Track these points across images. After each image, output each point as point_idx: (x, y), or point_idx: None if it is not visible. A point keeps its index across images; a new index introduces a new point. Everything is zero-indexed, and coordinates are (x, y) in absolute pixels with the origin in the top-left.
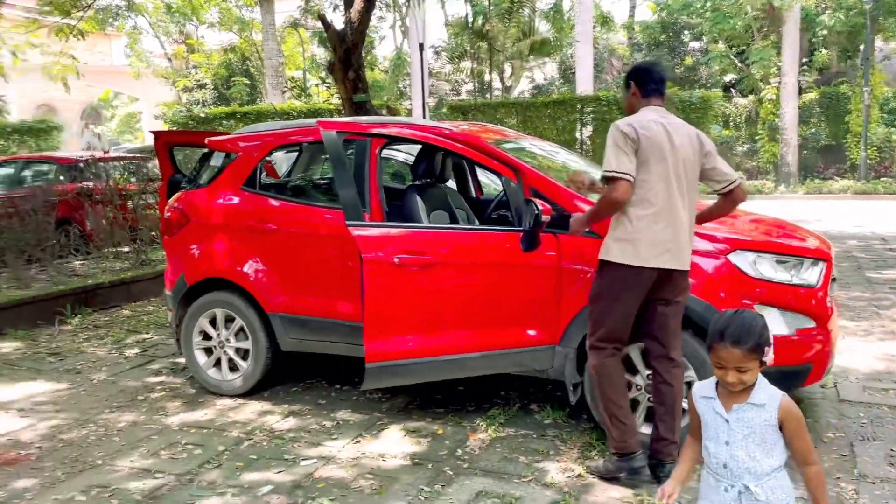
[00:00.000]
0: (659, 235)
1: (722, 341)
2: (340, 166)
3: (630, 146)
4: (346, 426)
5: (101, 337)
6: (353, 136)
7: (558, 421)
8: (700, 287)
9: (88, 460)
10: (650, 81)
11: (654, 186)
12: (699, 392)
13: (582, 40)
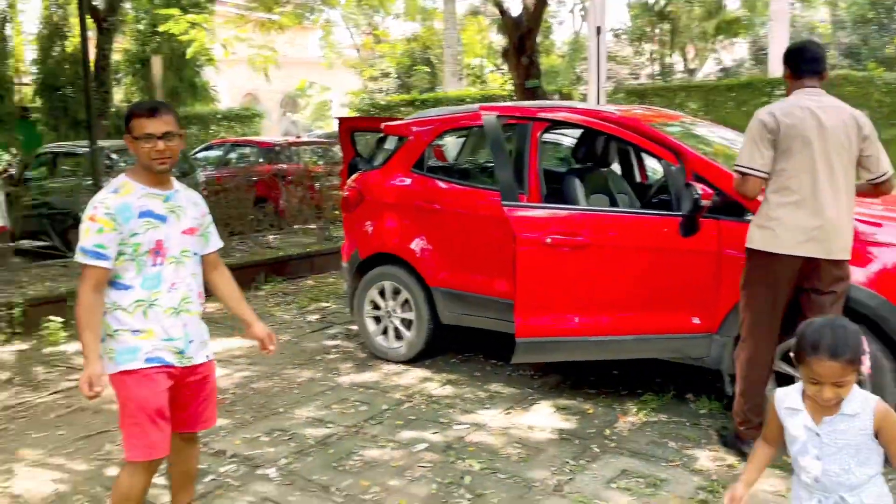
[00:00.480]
0: (801, 223)
1: (817, 354)
2: (499, 149)
3: (767, 137)
4: (498, 398)
5: (287, 303)
6: (513, 120)
7: (714, 411)
8: (875, 280)
9: (272, 407)
10: (802, 62)
11: (796, 175)
12: (783, 402)
13: (776, 18)
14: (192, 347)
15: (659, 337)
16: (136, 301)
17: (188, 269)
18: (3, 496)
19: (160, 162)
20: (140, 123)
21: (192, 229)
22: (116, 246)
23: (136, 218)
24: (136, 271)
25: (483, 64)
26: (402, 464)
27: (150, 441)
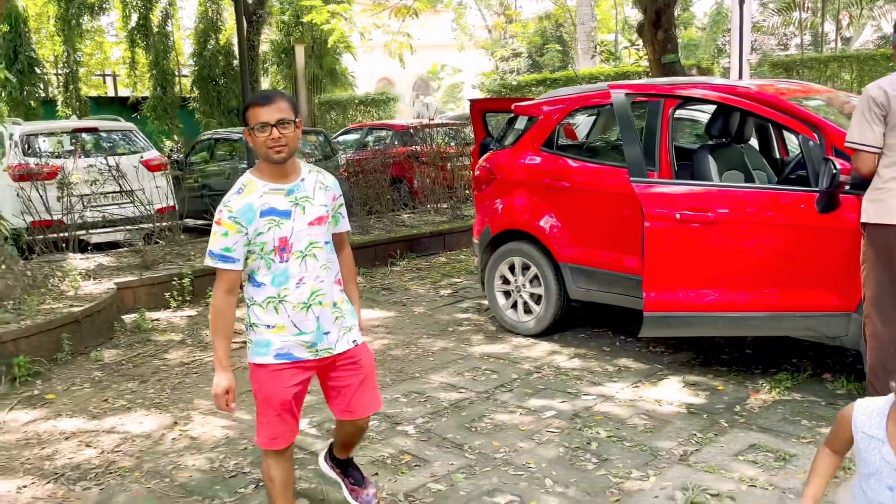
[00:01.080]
0: None
1: None
2: (627, 126)
3: (877, 112)
4: (626, 372)
5: (422, 278)
6: (643, 97)
7: (853, 392)
8: None
9: (409, 372)
10: None
11: None
12: (863, 426)
13: None
14: (328, 339)
15: (793, 314)
16: (267, 297)
17: (318, 262)
18: (183, 437)
19: (276, 150)
20: (255, 113)
21: (321, 218)
22: (244, 248)
23: (259, 218)
24: (266, 269)
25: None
26: (530, 428)
27: (273, 433)
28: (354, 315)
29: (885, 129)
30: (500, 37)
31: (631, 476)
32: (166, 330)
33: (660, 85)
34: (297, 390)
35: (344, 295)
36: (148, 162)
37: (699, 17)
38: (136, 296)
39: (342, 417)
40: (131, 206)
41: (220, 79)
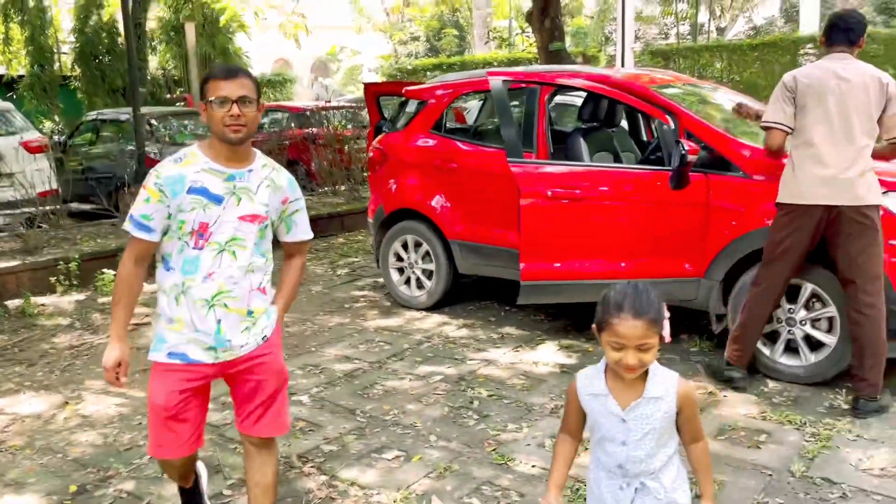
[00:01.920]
0: (818, 172)
1: (620, 313)
2: (504, 111)
3: (787, 95)
4: (508, 338)
5: (319, 259)
6: (519, 84)
7: (704, 349)
8: None
9: (305, 347)
10: (834, 31)
11: (813, 128)
12: (586, 388)
13: None
14: (230, 345)
15: (652, 281)
16: (173, 284)
17: (237, 262)
18: (75, 416)
19: (234, 129)
20: (215, 86)
21: (256, 217)
22: (163, 220)
23: (185, 193)
24: (178, 252)
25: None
26: (419, 392)
27: (158, 440)
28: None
29: (794, 109)
30: (399, 20)
31: (507, 429)
32: (54, 314)
33: (535, 72)
34: (186, 397)
35: (268, 306)
36: (27, 143)
37: (588, 6)
38: (20, 281)
39: (246, 432)
40: (11, 189)
41: (104, 57)
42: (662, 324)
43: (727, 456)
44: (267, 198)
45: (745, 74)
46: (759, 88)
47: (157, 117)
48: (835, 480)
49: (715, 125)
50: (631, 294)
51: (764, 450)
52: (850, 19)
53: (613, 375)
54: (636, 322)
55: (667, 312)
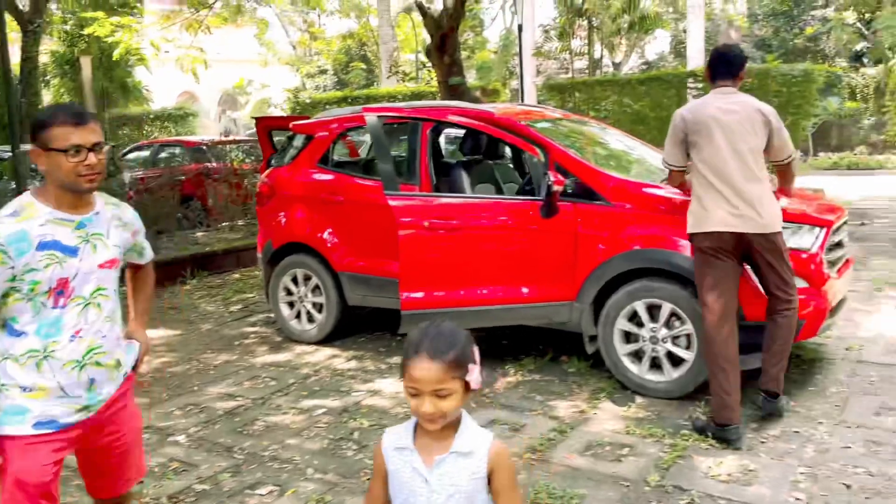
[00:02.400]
0: (721, 204)
1: (417, 355)
2: (380, 145)
3: (678, 135)
4: (397, 368)
5: (212, 295)
6: (393, 119)
7: (581, 370)
8: None
9: (187, 386)
10: (716, 65)
11: (708, 163)
12: (391, 442)
13: (692, 14)
14: (101, 398)
15: (528, 306)
16: (28, 351)
17: (103, 313)
18: None
19: (89, 179)
20: (64, 133)
21: (113, 261)
22: (4, 283)
23: (35, 250)
24: (32, 314)
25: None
26: (300, 426)
27: None
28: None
29: (687, 148)
30: (305, 54)
31: None
32: None
33: (409, 108)
34: (58, 468)
35: (124, 346)
36: None
37: (493, 41)
38: None
39: (99, 496)
40: None
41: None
42: (468, 368)
43: (590, 470)
44: (118, 238)
45: (636, 106)
46: (649, 119)
47: None
48: (685, 487)
49: (582, 158)
50: (431, 334)
51: (625, 462)
52: (730, 54)
53: (423, 430)
54: (431, 364)
55: (477, 358)
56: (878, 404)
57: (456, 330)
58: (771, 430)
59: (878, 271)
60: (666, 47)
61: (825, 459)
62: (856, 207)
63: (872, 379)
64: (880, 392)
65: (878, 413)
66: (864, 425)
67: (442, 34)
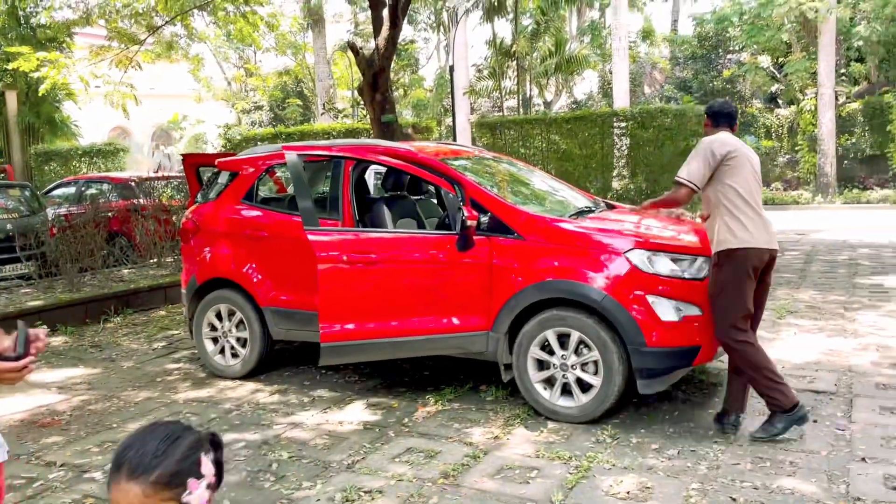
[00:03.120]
0: (761, 226)
1: (117, 471)
2: (299, 182)
3: (714, 159)
4: (319, 401)
5: (136, 333)
6: (312, 157)
7: (499, 398)
8: (601, 280)
9: (106, 424)
10: (719, 116)
11: (743, 187)
12: None
13: (617, 56)
14: None
15: (445, 336)
16: None
17: None
18: None
19: None
20: None
21: None
22: None
23: None
24: None
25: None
26: None
27: None
28: None
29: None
30: (241, 90)
31: (301, 487)
32: None
33: (329, 146)
34: None
35: None
36: None
37: (429, 80)
38: None
39: None
40: None
41: None
42: (186, 485)
43: (499, 493)
44: None
45: (563, 145)
46: (575, 156)
47: None
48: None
49: (497, 194)
50: (137, 443)
51: (532, 484)
52: (732, 108)
53: None
54: (129, 485)
55: (206, 469)
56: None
57: (176, 433)
58: (670, 450)
59: (781, 301)
60: (595, 87)
61: (716, 475)
62: None
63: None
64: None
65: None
66: (754, 443)
67: (374, 73)
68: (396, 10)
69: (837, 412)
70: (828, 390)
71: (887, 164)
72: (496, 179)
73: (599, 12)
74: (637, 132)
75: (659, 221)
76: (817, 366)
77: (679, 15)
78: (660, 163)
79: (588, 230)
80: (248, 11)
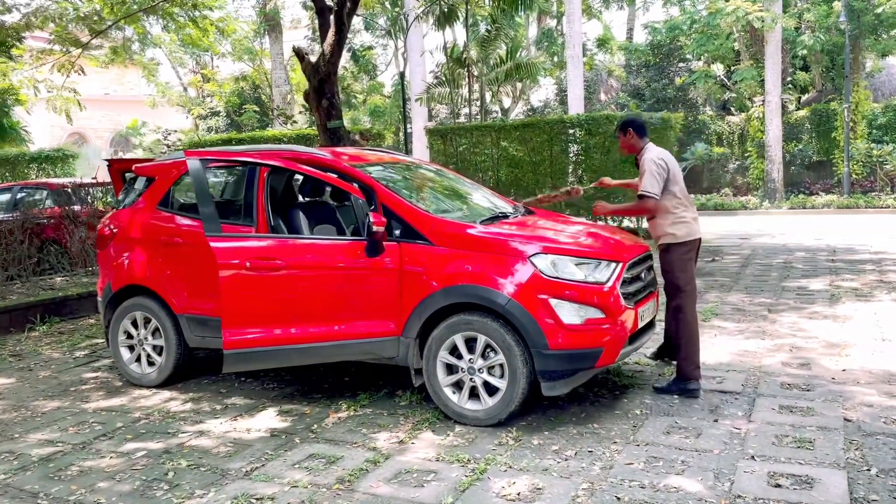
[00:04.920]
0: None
1: None
2: (201, 188)
3: (664, 174)
4: (232, 408)
5: (61, 342)
6: (215, 164)
7: (413, 402)
8: (506, 284)
9: (8, 434)
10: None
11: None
12: None
13: (571, 64)
14: None
15: (354, 342)
16: None
17: None
18: None
19: None
20: None
21: None
22: None
23: None
24: None
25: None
26: (116, 469)
27: None
28: None
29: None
30: (198, 95)
31: (194, 495)
32: None
33: (233, 152)
34: None
35: None
36: None
37: (388, 87)
38: None
39: None
40: None
41: None
42: None
43: (391, 497)
44: None
45: (512, 151)
46: (524, 163)
47: None
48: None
49: (408, 200)
50: None
51: (426, 487)
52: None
53: None
54: None
55: None
56: (669, 424)
57: None
58: (568, 451)
59: (709, 304)
60: (552, 94)
61: (608, 475)
62: (710, 245)
63: (674, 401)
64: (676, 413)
65: (668, 432)
66: (652, 443)
67: (320, 78)
68: (342, 16)
69: (739, 411)
70: (734, 390)
71: (832, 170)
72: (413, 186)
73: (556, 20)
74: (585, 139)
75: (565, 226)
76: (729, 366)
77: (635, 23)
78: (606, 168)
79: (494, 235)
80: (199, 17)
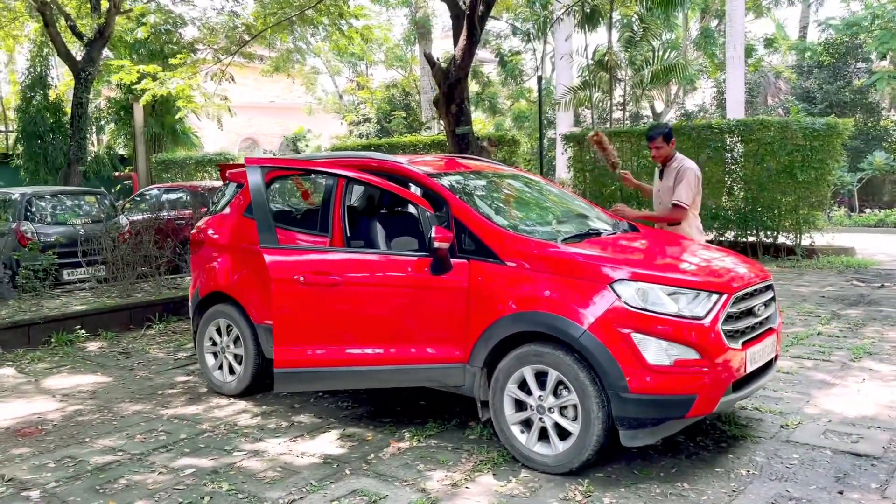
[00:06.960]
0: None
1: None
2: (258, 198)
3: (699, 185)
4: (296, 427)
5: (170, 341)
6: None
7: (482, 437)
8: (582, 313)
9: (80, 437)
10: (672, 135)
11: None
12: None
13: (731, 65)
14: None
15: (416, 367)
16: None
17: None
18: None
19: None
20: None
21: None
22: None
23: None
24: None
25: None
26: (160, 486)
27: None
28: None
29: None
30: (352, 102)
31: None
32: None
33: (299, 160)
34: None
35: None
36: None
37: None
38: None
39: None
40: None
41: (47, 135)
42: None
43: None
44: None
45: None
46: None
47: (45, 196)
48: None
49: (482, 214)
50: None
51: None
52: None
53: None
54: None
55: None
56: (778, 492)
57: None
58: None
59: (865, 339)
60: (708, 98)
61: None
62: (883, 268)
63: (792, 462)
64: (791, 478)
65: (774, 502)
66: None
67: (450, 84)
68: (473, 19)
69: (873, 482)
70: (871, 454)
71: None
72: (496, 198)
73: (718, 19)
74: (738, 146)
75: (668, 247)
76: (872, 422)
77: (809, 21)
78: (758, 180)
79: (571, 256)
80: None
